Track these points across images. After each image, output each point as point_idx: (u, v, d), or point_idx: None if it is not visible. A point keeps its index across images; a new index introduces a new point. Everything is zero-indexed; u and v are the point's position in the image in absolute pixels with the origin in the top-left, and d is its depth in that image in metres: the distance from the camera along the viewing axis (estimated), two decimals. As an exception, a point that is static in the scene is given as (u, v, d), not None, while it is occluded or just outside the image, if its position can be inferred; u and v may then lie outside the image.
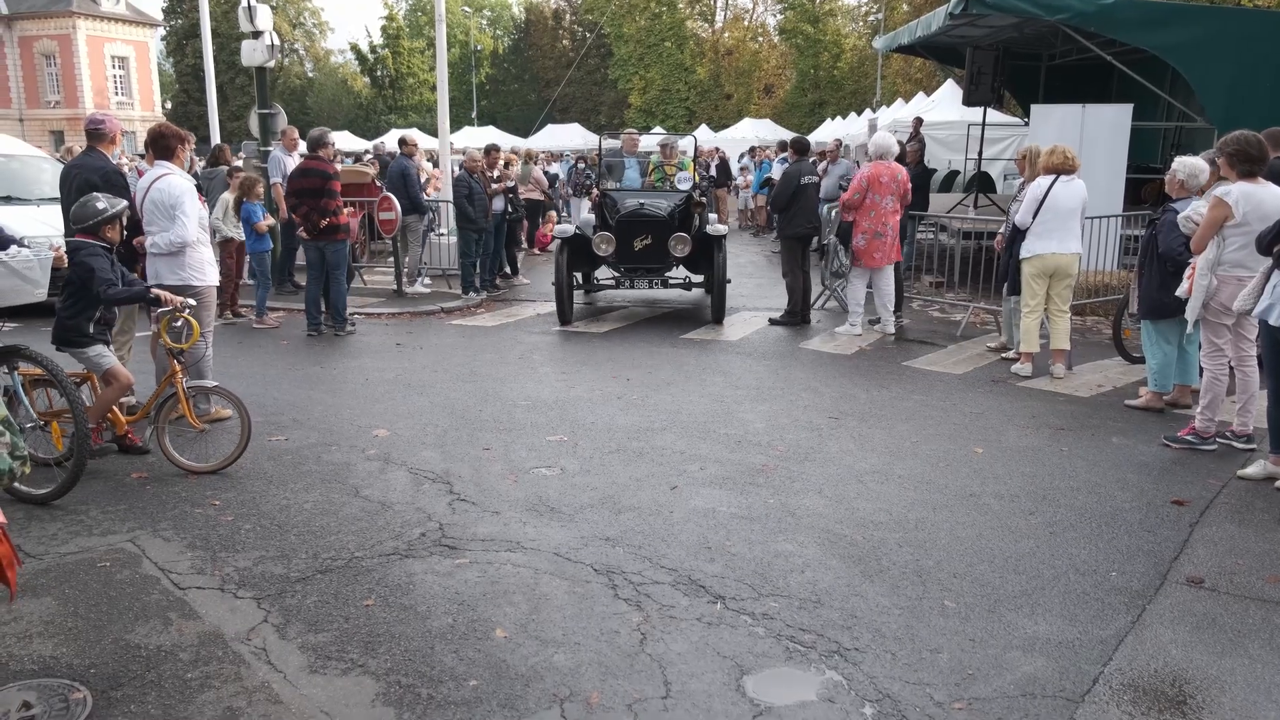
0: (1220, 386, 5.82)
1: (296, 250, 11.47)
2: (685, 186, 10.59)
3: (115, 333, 6.22)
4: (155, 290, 5.27)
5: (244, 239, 9.93)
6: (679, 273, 10.47)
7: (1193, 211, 5.98)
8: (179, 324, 5.35)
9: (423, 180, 13.35)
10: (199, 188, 10.19)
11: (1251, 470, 5.34)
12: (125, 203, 5.47)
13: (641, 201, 9.97)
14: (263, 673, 3.30)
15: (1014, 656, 3.43)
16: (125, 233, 5.52)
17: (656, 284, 10.01)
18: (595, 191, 10.90)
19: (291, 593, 3.89)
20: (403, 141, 12.36)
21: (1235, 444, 5.84)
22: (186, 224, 5.86)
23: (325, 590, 3.92)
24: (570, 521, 4.68)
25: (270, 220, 10.06)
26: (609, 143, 13.25)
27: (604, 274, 10.88)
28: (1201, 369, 6.04)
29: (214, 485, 5.14)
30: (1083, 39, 11.50)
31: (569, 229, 10.15)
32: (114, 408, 5.34)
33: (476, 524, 4.64)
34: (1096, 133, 11.01)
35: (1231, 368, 5.89)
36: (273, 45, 11.47)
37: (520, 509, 4.84)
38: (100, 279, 5.03)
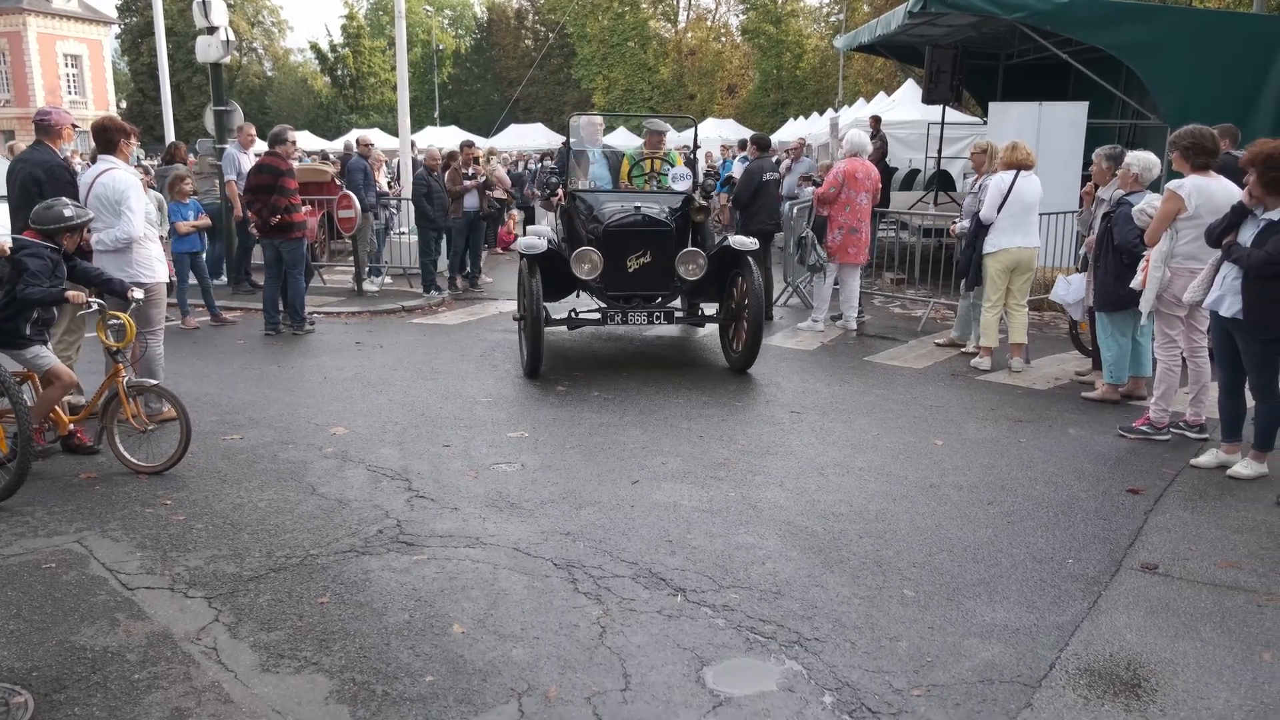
0: (1173, 377, 5.91)
1: (252, 249, 11.30)
2: (683, 186, 8.27)
3: (63, 333, 6.10)
4: (69, 293, 5.09)
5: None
6: (682, 301, 8.35)
7: (1146, 205, 6.07)
8: (116, 323, 5.23)
9: (378, 176, 13.21)
10: (153, 187, 10.08)
11: (1204, 459, 5.42)
12: (91, 214, 5.36)
13: (637, 205, 7.55)
14: (213, 672, 3.22)
15: (972, 643, 3.44)
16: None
17: (658, 317, 7.48)
18: (560, 193, 8.59)
19: (244, 591, 3.81)
20: (358, 142, 12.30)
21: (1188, 434, 5.92)
22: (133, 219, 5.73)
23: (279, 588, 3.84)
24: (530, 517, 4.63)
25: (206, 220, 9.77)
26: (585, 121, 9.57)
27: (576, 302, 8.42)
28: (1155, 360, 6.12)
29: (165, 485, 5.03)
30: (1039, 38, 11.63)
31: (538, 242, 7.37)
32: (56, 408, 5.21)
33: (435, 520, 4.58)
34: (1053, 130, 11.15)
35: (1184, 359, 5.97)
36: (228, 41, 11.29)
37: (480, 505, 4.78)
38: (26, 278, 4.88)
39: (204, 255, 9.92)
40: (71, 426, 5.41)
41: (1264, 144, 4.98)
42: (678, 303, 8.19)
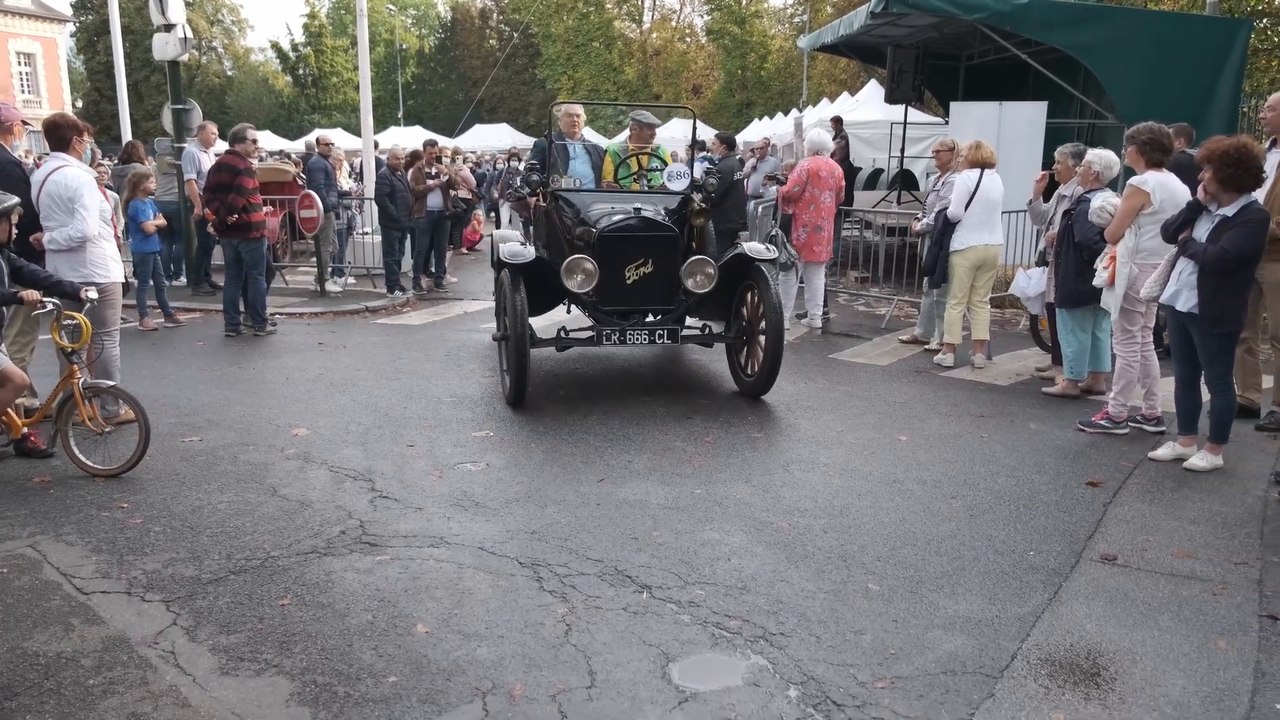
0: (1133, 373, 5.99)
1: (213, 249, 11.15)
2: (679, 185, 7.30)
3: (16, 334, 5.97)
4: (22, 293, 4.99)
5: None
6: (691, 318, 7.36)
7: (1105, 203, 6.14)
8: (71, 323, 5.13)
9: (340, 175, 13.09)
10: (110, 186, 9.90)
11: (1161, 452, 5.51)
12: (15, 199, 5.21)
13: (637, 206, 6.67)
14: (170, 676, 3.17)
15: (935, 635, 3.46)
16: (16, 231, 5.25)
17: (661, 336, 6.57)
18: (538, 195, 7.40)
19: (203, 594, 3.75)
20: (318, 142, 12.20)
21: (1146, 427, 6.01)
22: (86, 218, 5.61)
23: (239, 591, 3.78)
24: (495, 516, 4.60)
25: (161, 220, 9.63)
26: (564, 111, 8.40)
27: (565, 317, 8.00)
28: (1114, 355, 6.20)
29: (122, 488, 4.94)
30: (999, 38, 11.78)
31: (523, 250, 6.46)
32: (9, 410, 5.10)
33: (399, 520, 4.54)
34: (1013, 130, 11.30)
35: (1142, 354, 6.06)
36: (185, 39, 11.13)
37: (444, 504, 4.75)
38: None
39: (159, 255, 9.76)
40: (25, 430, 5.30)
41: (1218, 142, 5.06)
42: (683, 319, 7.21)
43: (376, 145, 15.32)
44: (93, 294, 5.26)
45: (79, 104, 54.07)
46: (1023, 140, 11.23)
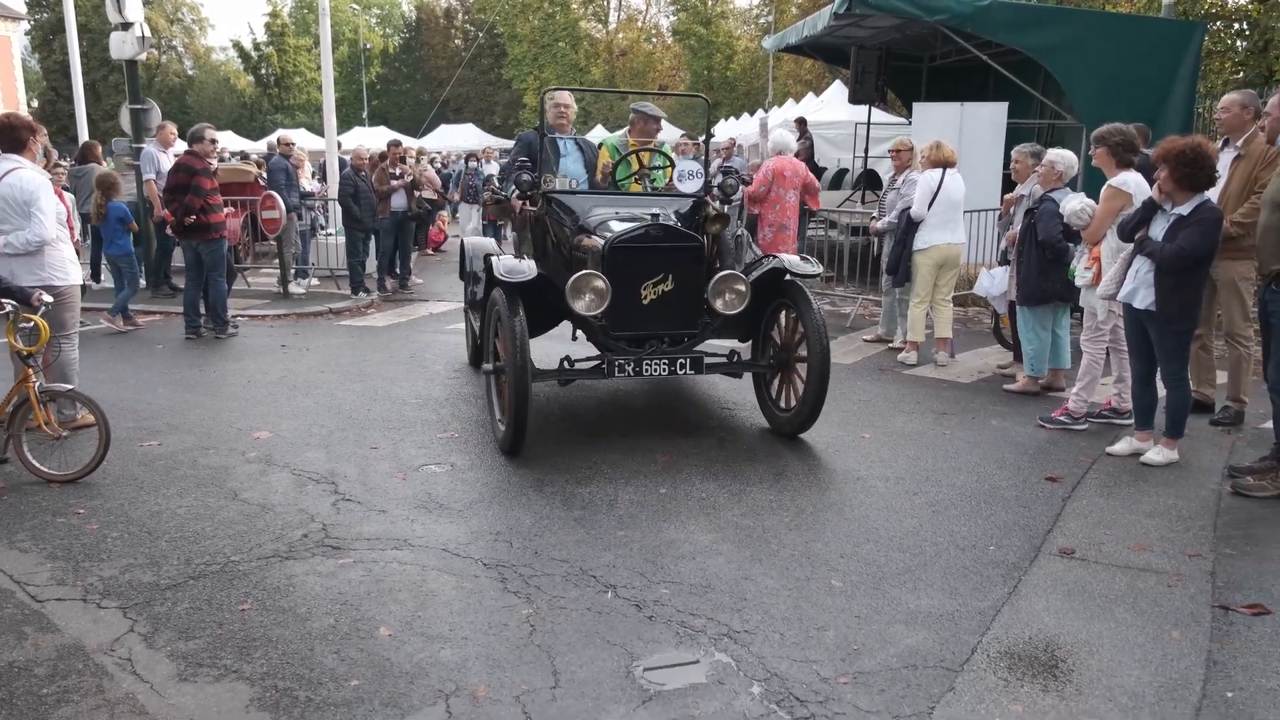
0: (1098, 369, 6.07)
1: (172, 251, 11.00)
2: (691, 187, 6.29)
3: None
4: None
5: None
6: (712, 342, 6.00)
7: (1084, 205, 6.18)
8: (28, 325, 5.04)
9: (302, 176, 12.97)
10: (66, 188, 9.75)
11: (1119, 447, 5.60)
12: None
13: (654, 212, 5.90)
14: (127, 684, 3.12)
15: (897, 630, 3.49)
16: None
17: (683, 366, 5.52)
18: (524, 199, 6.37)
19: (161, 600, 3.70)
20: (279, 141, 12.10)
21: (1115, 420, 6.12)
22: (44, 221, 5.51)
23: (198, 596, 3.74)
24: (459, 517, 4.58)
25: (133, 225, 9.52)
26: (552, 102, 7.20)
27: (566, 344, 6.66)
28: (1083, 352, 6.26)
29: (79, 494, 4.86)
30: (960, 40, 11.91)
31: (522, 265, 5.43)
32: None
33: (362, 523, 4.50)
34: (975, 130, 11.43)
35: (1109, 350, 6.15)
36: (143, 37, 10.96)
37: (408, 506, 4.72)
38: None
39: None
40: (-23, 435, 5.19)
41: (1174, 141, 5.15)
42: (708, 344, 5.88)
43: (340, 145, 15.17)
44: (47, 298, 5.17)
45: (34, 104, 53.08)
46: (984, 140, 11.36)
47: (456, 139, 37.50)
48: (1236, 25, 17.51)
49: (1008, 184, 12.49)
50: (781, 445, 5.74)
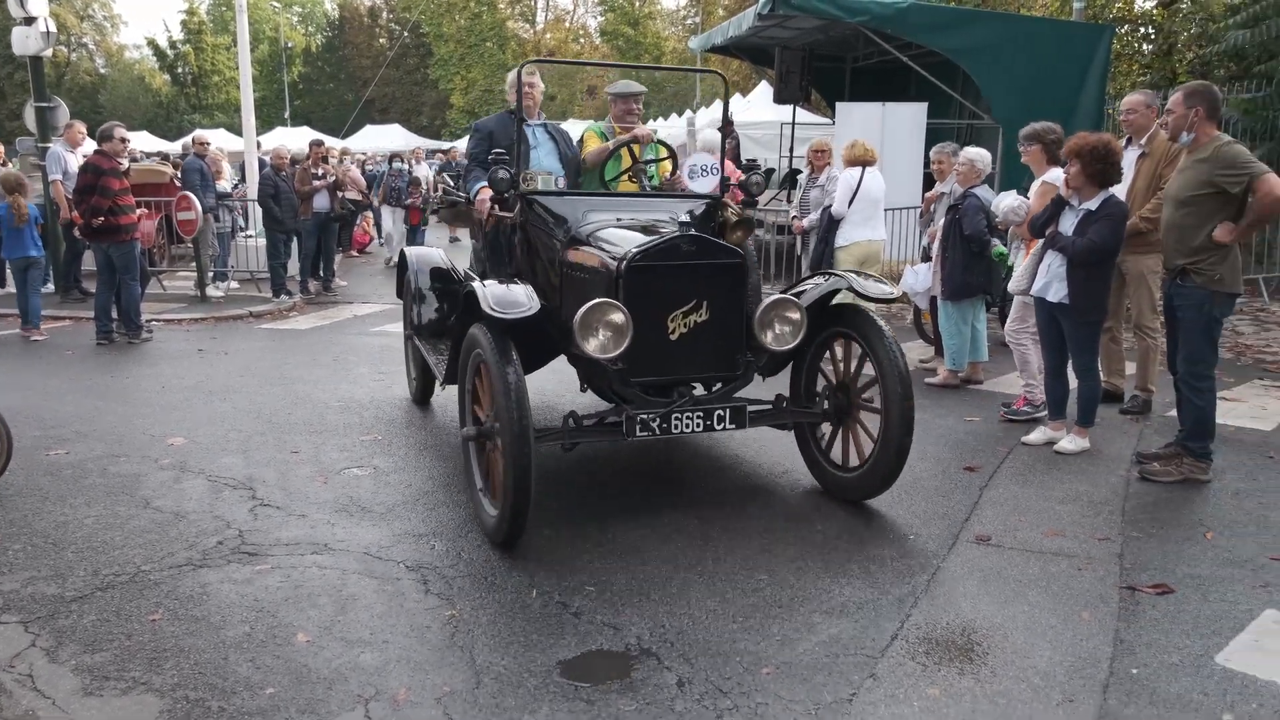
0: (1032, 357, 6.17)
1: (83, 254, 10.63)
2: (705, 186, 5.43)
3: None
4: None
5: None
6: (750, 386, 4.61)
7: (1017, 202, 6.32)
8: None
9: (220, 176, 12.64)
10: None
11: (1033, 437, 5.75)
12: None
13: (663, 217, 4.85)
14: (27, 700, 2.99)
15: (819, 620, 3.53)
16: None
17: (722, 419, 4.27)
18: (500, 202, 4.98)
19: (66, 613, 3.56)
20: (193, 141, 11.80)
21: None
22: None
23: (105, 608, 3.60)
24: (382, 520, 4.50)
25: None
26: (514, 77, 5.37)
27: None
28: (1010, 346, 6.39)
29: (-21, 505, 4.66)
30: (881, 41, 12.13)
31: (516, 294, 4.12)
32: None
33: (281, 528, 4.40)
34: (896, 129, 11.64)
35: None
36: (48, 32, 10.57)
37: (329, 510, 4.62)
38: None
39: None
40: None
41: (1084, 137, 5.30)
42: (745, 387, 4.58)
43: (260, 146, 14.83)
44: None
45: (-65, 102, 50.81)
46: (904, 139, 11.58)
47: (382, 140, 36.92)
48: (1142, 29, 18.17)
49: (928, 182, 12.81)
50: (712, 441, 5.75)
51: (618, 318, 4.03)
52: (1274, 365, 7.84)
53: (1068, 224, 5.37)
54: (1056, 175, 5.96)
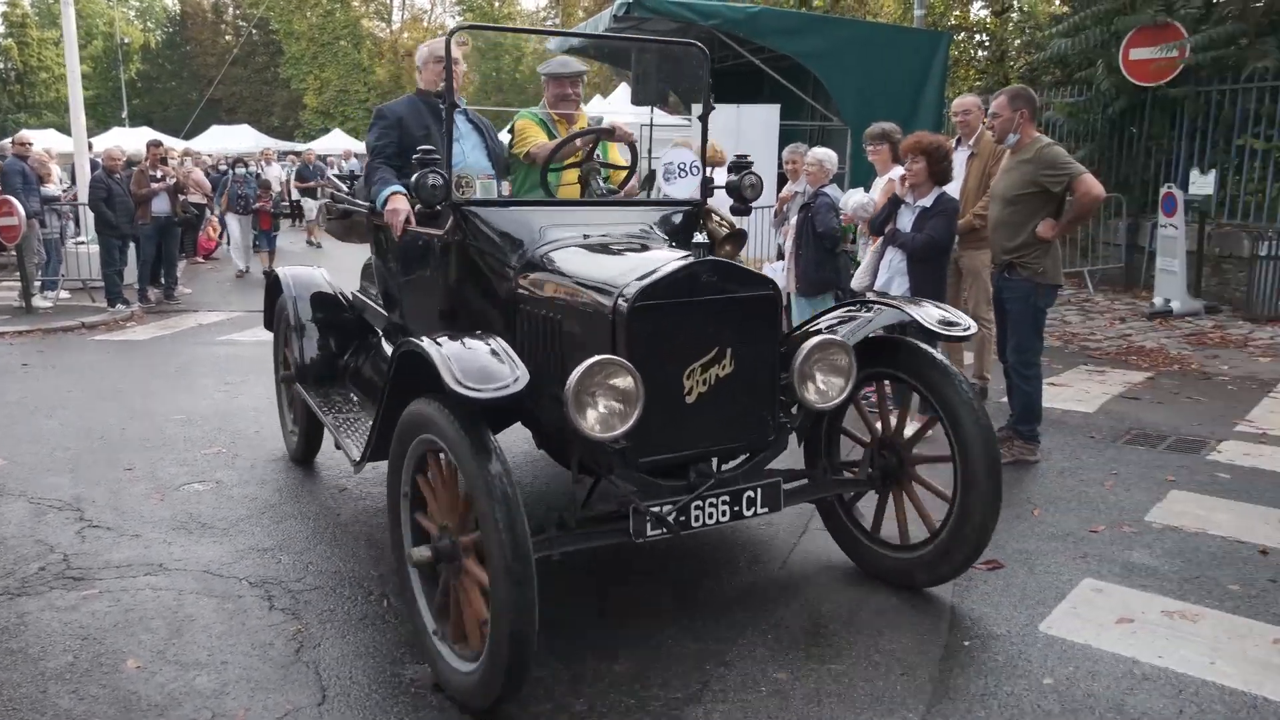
0: None
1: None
2: (684, 189, 4.43)
3: None
4: None
5: None
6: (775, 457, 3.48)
7: (865, 200, 6.54)
8: None
9: (49, 179, 11.86)
10: None
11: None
12: None
13: (637, 230, 3.94)
14: None
15: (678, 614, 3.57)
16: None
17: (753, 502, 3.25)
18: (407, 216, 3.88)
19: None
20: (13, 142, 11.02)
21: None
22: None
23: (-93, 645, 3.32)
24: (224, 536, 4.31)
25: None
26: (428, 51, 4.52)
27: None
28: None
29: None
30: (735, 44, 12.39)
31: (496, 366, 2.82)
32: None
33: (110, 550, 4.15)
34: (750, 130, 11.92)
35: None
36: None
37: (165, 529, 4.39)
38: None
39: None
40: None
41: (924, 136, 5.55)
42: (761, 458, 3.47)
43: (91, 147, 13.95)
44: None
45: None
46: (758, 140, 11.87)
47: (231, 141, 35.28)
48: (978, 36, 19.19)
49: (782, 182, 13.16)
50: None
51: (624, 382, 2.91)
52: (1097, 352, 8.40)
53: (905, 221, 5.61)
54: (900, 173, 6.22)
